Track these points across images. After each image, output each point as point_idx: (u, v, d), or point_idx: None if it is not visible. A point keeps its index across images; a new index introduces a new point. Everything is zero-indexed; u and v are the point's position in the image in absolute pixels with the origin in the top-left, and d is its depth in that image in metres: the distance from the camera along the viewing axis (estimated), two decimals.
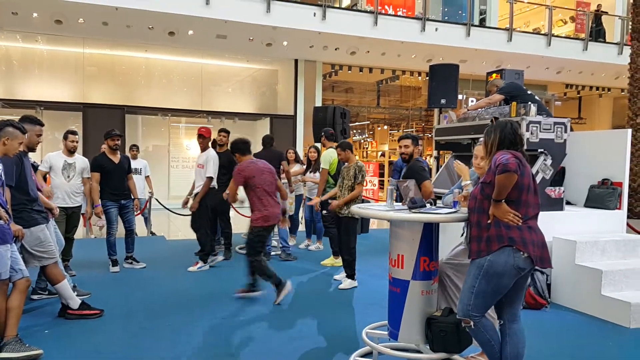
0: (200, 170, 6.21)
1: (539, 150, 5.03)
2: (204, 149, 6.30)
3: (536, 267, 2.83)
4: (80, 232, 6.51)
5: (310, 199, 7.41)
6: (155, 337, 3.94)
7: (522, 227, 2.75)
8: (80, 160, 5.68)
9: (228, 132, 6.95)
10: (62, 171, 5.45)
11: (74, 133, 5.63)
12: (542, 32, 14.59)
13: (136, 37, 11.91)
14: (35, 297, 4.81)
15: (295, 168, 7.62)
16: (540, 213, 2.91)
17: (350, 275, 5.56)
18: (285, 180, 7.00)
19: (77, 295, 4.57)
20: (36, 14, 10.16)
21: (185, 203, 6.63)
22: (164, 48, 12.96)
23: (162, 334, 4.01)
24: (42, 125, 4.32)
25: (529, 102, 5.14)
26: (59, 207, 5.05)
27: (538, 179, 4.95)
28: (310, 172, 7.41)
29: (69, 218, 5.46)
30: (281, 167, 6.88)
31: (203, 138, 6.28)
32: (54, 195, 5.34)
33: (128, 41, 12.43)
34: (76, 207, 5.54)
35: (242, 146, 5.02)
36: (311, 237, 7.83)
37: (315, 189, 7.30)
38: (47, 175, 5.61)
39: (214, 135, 6.81)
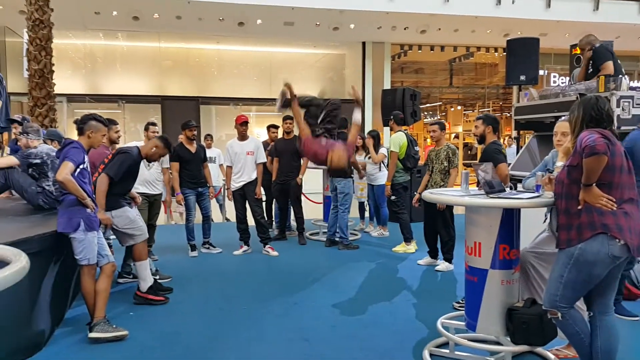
0: (251, 158, 6.25)
1: (633, 127, 4.60)
2: (246, 136, 6.33)
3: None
4: (161, 219, 6.82)
5: (372, 185, 7.30)
6: (232, 320, 4.05)
7: (617, 212, 2.51)
8: None
9: (293, 118, 6.99)
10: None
11: (154, 124, 5.87)
12: None
13: (208, 29, 12.24)
14: (121, 280, 5.11)
15: (361, 158, 7.49)
16: None
17: (448, 259, 5.53)
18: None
19: (159, 279, 4.83)
20: (115, 12, 10.70)
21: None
22: (235, 39, 13.23)
23: (238, 317, 4.12)
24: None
25: (619, 75, 4.71)
26: (141, 193, 5.32)
27: None
28: (368, 157, 7.29)
29: (151, 205, 5.69)
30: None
31: (247, 125, 6.31)
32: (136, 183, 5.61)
33: (200, 33, 12.81)
34: (157, 194, 5.77)
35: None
36: (373, 222, 7.76)
37: (375, 174, 7.17)
38: None
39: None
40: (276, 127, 7.64)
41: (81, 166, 3.56)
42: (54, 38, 7.20)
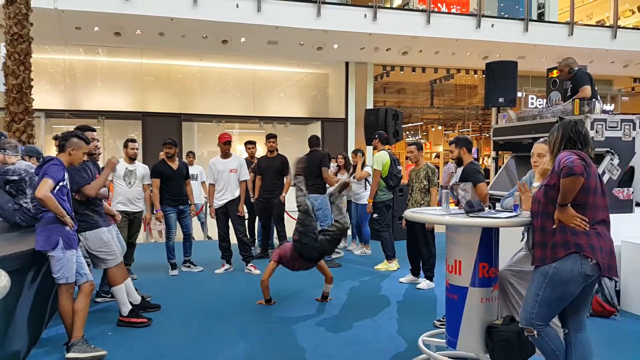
0: (234, 175, 6.25)
1: (605, 149, 4.76)
2: (229, 154, 6.33)
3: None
4: (140, 237, 6.74)
5: (356, 204, 7.35)
6: (214, 340, 4.01)
7: (590, 232, 2.59)
8: (141, 167, 5.87)
9: (276, 137, 7.04)
10: (123, 178, 5.66)
11: (133, 141, 5.84)
12: (607, 24, 13.84)
13: (191, 47, 12.27)
14: (99, 299, 5.02)
15: (344, 177, 7.53)
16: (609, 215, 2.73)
17: (430, 276, 5.56)
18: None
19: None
20: (97, 28, 10.66)
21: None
22: (218, 56, 13.27)
23: (220, 337, 4.08)
24: (87, 142, 4.13)
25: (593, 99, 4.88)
26: (121, 211, 5.26)
27: (604, 179, 4.67)
28: (353, 176, 7.32)
29: (131, 223, 5.64)
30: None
31: (230, 144, 6.33)
32: (116, 200, 5.56)
33: (183, 50, 12.83)
34: (138, 212, 5.72)
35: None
36: (356, 240, 7.78)
37: (360, 193, 7.22)
38: (111, 183, 5.84)
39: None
40: (252, 142, 7.70)
41: (61, 183, 3.52)
42: (33, 52, 7.13)
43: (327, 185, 6.82)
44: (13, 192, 4.46)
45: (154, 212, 6.09)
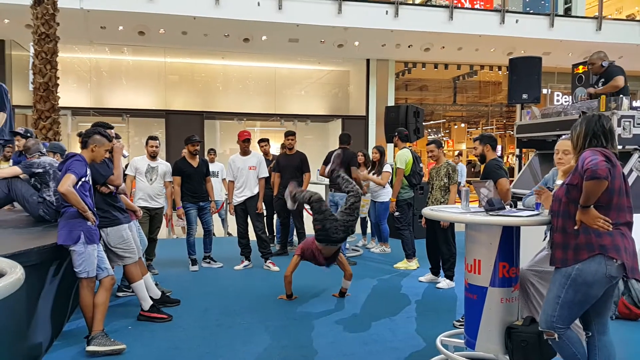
0: (254, 172, 6.28)
1: (634, 147, 4.62)
2: (248, 151, 6.37)
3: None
4: (162, 233, 6.82)
5: (374, 202, 7.27)
6: (230, 335, 4.03)
7: (614, 232, 2.50)
8: (163, 165, 5.95)
9: (294, 134, 7.05)
10: (145, 174, 5.75)
11: (154, 139, 5.91)
12: (638, 18, 13.45)
13: (213, 45, 12.36)
14: (120, 294, 5.09)
15: (364, 173, 7.47)
16: (636, 216, 2.64)
17: (450, 276, 5.50)
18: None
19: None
20: (122, 27, 10.83)
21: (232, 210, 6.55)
22: (239, 54, 13.36)
23: (237, 332, 4.10)
24: (110, 140, 4.20)
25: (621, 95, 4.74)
26: (142, 207, 5.34)
27: (632, 178, 4.53)
28: (374, 173, 7.22)
29: (152, 219, 5.73)
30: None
31: (249, 142, 6.37)
32: (138, 196, 5.66)
33: (206, 49, 12.94)
34: (158, 208, 5.80)
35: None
36: (375, 238, 7.72)
37: (378, 191, 7.13)
38: (133, 179, 5.93)
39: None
40: (265, 140, 7.70)
41: (83, 179, 3.59)
42: (59, 52, 7.28)
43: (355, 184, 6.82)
44: (38, 185, 4.61)
45: (176, 208, 6.16)
